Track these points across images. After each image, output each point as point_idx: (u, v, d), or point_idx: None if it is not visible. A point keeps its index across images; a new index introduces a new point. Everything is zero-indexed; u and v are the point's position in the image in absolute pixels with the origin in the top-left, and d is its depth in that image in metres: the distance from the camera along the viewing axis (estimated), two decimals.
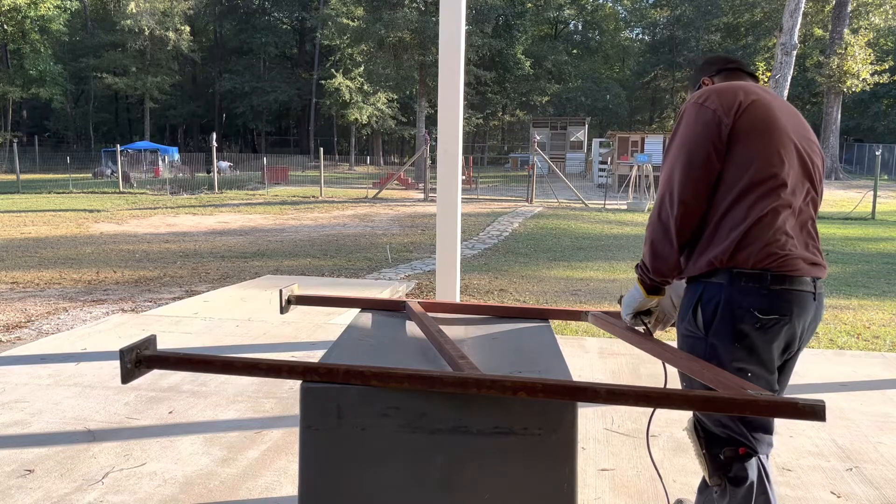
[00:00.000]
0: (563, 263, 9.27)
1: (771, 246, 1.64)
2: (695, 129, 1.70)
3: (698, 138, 1.68)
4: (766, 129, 1.69)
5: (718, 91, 1.73)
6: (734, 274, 1.66)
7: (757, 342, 1.66)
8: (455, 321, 2.13)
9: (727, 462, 1.77)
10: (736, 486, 1.76)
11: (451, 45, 3.88)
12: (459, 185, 4.07)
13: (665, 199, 1.72)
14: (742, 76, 1.92)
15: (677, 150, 1.72)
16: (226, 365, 1.60)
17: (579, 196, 19.63)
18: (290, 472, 2.57)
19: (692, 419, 1.84)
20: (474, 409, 1.49)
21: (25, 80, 38.54)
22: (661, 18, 51.58)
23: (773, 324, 1.65)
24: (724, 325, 1.67)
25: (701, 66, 2.01)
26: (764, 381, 1.70)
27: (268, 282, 6.72)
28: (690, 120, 1.72)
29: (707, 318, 1.69)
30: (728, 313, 1.66)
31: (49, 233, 11.96)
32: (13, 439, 2.84)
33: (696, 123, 1.70)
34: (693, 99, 1.75)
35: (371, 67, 35.38)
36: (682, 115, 1.76)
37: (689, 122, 1.72)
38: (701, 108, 1.71)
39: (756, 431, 1.74)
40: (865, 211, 15.95)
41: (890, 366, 3.99)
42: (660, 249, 1.74)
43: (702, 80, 1.94)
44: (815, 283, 1.72)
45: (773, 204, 1.66)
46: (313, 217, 15.34)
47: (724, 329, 1.67)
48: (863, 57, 28.87)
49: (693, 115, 1.71)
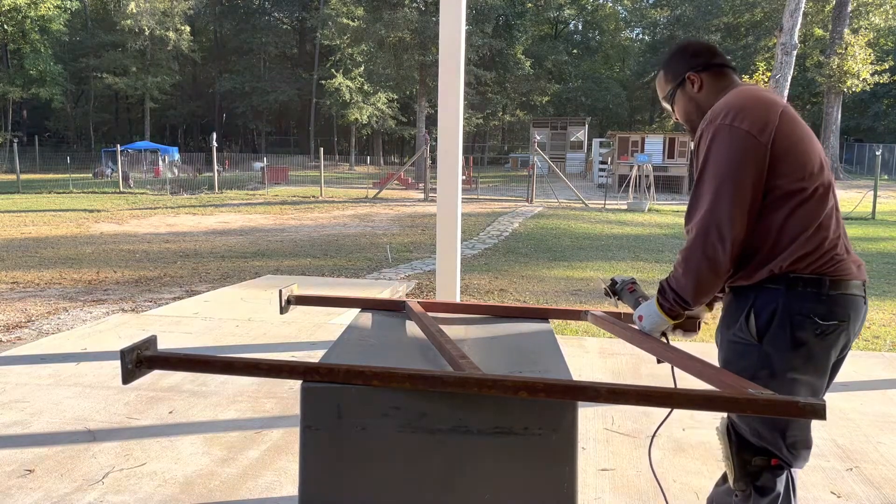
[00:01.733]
0: (563, 263, 9.27)
1: (830, 252, 1.62)
2: (735, 156, 1.59)
3: (741, 166, 1.59)
4: (802, 136, 1.65)
5: (744, 108, 1.63)
6: (791, 279, 1.61)
7: (815, 349, 1.62)
8: (455, 321, 2.13)
9: (757, 471, 1.72)
10: (761, 496, 1.71)
11: (451, 45, 3.88)
12: (459, 185, 4.07)
13: (712, 234, 1.60)
14: (730, 75, 1.82)
15: (719, 181, 1.60)
16: (226, 365, 1.60)
17: (579, 196, 19.62)
18: (290, 472, 2.57)
19: (725, 421, 1.78)
20: (474, 409, 1.49)
21: (25, 80, 38.54)
22: (661, 18, 51.58)
23: (832, 330, 1.61)
24: (782, 332, 1.61)
25: (681, 54, 1.86)
26: (812, 389, 1.65)
27: (268, 282, 6.72)
28: (726, 145, 1.60)
29: (762, 325, 1.64)
30: (787, 320, 1.61)
31: (49, 233, 11.96)
32: (13, 439, 2.84)
33: (734, 149, 1.59)
34: (719, 118, 1.63)
35: (371, 67, 35.40)
36: (713, 137, 1.63)
37: (725, 147, 1.60)
38: (734, 130, 1.60)
39: (795, 448, 1.68)
40: (865, 211, 15.95)
41: (890, 366, 3.99)
42: (707, 287, 1.65)
43: (687, 75, 1.81)
44: (864, 287, 1.69)
45: (825, 209, 1.64)
46: (313, 217, 15.34)
47: (782, 336, 1.62)
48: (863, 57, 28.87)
49: (728, 140, 1.60)
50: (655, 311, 1.75)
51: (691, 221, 1.66)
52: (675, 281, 1.69)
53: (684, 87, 1.84)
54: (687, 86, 1.83)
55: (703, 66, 1.81)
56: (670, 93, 1.86)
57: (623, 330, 2.01)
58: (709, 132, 1.65)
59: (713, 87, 1.80)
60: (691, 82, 1.82)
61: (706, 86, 1.81)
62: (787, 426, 1.66)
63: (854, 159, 37.22)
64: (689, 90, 1.83)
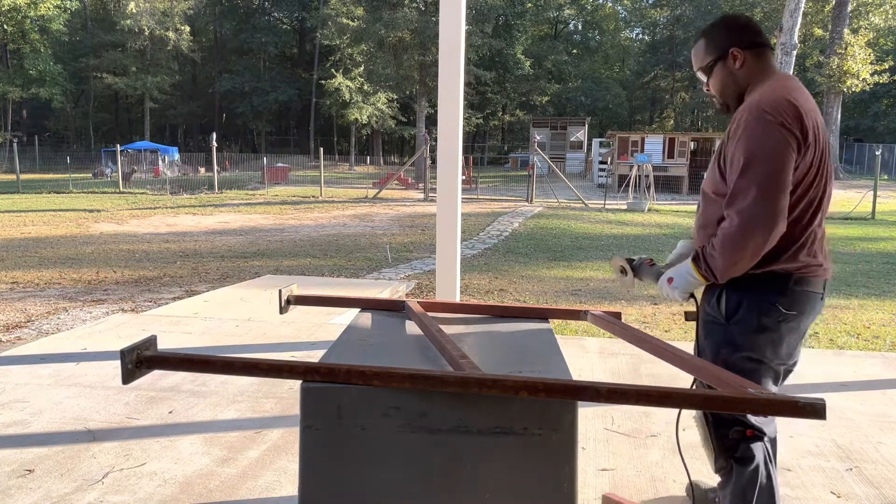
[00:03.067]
0: (563, 263, 9.27)
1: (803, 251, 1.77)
2: (786, 158, 1.65)
3: (788, 167, 1.65)
4: (820, 141, 1.74)
5: (798, 111, 1.67)
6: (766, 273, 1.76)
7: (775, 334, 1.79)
8: (455, 321, 2.13)
9: (734, 443, 1.84)
10: (742, 466, 1.82)
11: (451, 45, 3.88)
12: (459, 185, 4.07)
13: (758, 225, 1.65)
14: (769, 56, 1.84)
15: (769, 177, 1.64)
16: (226, 365, 1.60)
17: (579, 196, 19.63)
18: (290, 472, 2.57)
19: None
20: (474, 408, 1.49)
21: (25, 80, 38.54)
22: (661, 18, 51.59)
23: (791, 318, 1.78)
24: (750, 316, 1.78)
25: (728, 27, 1.85)
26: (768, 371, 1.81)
27: (268, 282, 6.72)
28: (781, 144, 1.65)
29: (731, 308, 1.80)
30: (755, 307, 1.77)
31: (49, 233, 11.96)
32: (13, 439, 2.84)
33: (786, 151, 1.65)
34: (774, 115, 1.66)
35: (371, 67, 35.39)
36: (767, 131, 1.65)
37: (780, 146, 1.65)
38: (787, 133, 1.65)
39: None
40: (865, 211, 15.95)
41: (890, 366, 3.99)
42: (739, 269, 1.73)
43: (732, 50, 1.80)
44: (824, 285, 1.84)
45: (820, 216, 1.78)
46: (313, 217, 15.34)
47: (749, 319, 1.78)
48: (863, 57, 28.88)
49: (783, 140, 1.64)
50: (689, 271, 1.81)
51: (733, 207, 1.69)
52: (710, 257, 1.76)
53: (725, 62, 1.83)
54: (729, 61, 1.82)
55: (749, 44, 1.81)
56: (709, 64, 1.86)
57: (623, 330, 2.01)
58: (762, 123, 1.66)
59: (754, 67, 1.81)
60: (734, 58, 1.81)
61: (747, 64, 1.81)
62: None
63: (854, 159, 37.23)
64: (730, 65, 1.82)
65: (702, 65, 1.88)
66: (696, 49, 1.90)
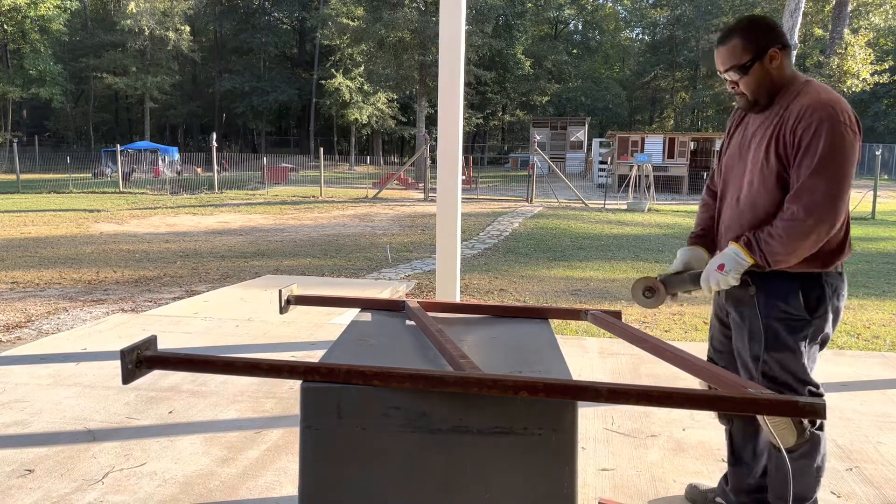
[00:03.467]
0: (563, 263, 9.27)
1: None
2: (852, 160, 1.77)
3: (852, 169, 1.78)
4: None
5: (853, 115, 1.81)
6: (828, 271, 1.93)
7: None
8: (455, 321, 2.13)
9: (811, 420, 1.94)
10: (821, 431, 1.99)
11: (451, 45, 3.88)
12: (459, 185, 4.07)
13: (824, 224, 1.77)
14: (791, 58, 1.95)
15: (840, 178, 1.76)
16: (226, 365, 1.60)
17: (579, 196, 19.63)
18: (290, 472, 2.57)
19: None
20: (474, 408, 1.49)
21: (25, 79, 38.53)
22: (661, 18, 51.59)
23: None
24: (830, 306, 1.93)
25: (765, 27, 1.90)
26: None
27: (268, 282, 6.72)
28: (849, 147, 1.76)
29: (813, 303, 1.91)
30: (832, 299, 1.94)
31: (49, 233, 11.96)
32: (13, 439, 2.84)
33: (852, 153, 1.77)
34: (842, 117, 1.76)
35: (371, 67, 35.39)
36: (839, 134, 1.76)
37: (848, 148, 1.76)
38: (853, 136, 1.77)
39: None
40: (865, 211, 15.95)
41: (890, 366, 3.99)
42: (798, 256, 1.82)
43: (772, 49, 1.87)
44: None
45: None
46: (313, 217, 15.35)
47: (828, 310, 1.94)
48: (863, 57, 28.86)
49: (850, 143, 1.76)
50: (738, 253, 1.87)
51: (800, 201, 1.78)
52: (765, 243, 1.83)
53: (763, 61, 1.87)
54: (766, 60, 1.87)
55: (783, 45, 1.88)
56: (748, 63, 1.88)
57: (623, 330, 2.01)
58: (839, 125, 1.76)
59: (786, 67, 1.89)
60: (771, 58, 1.87)
61: (782, 64, 1.88)
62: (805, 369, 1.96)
63: None
64: (767, 65, 1.88)
65: (738, 63, 1.89)
66: (729, 49, 1.91)
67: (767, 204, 1.88)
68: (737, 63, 1.89)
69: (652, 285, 2.07)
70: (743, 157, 1.97)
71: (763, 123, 1.92)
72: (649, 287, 2.07)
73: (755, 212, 1.91)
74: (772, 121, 1.88)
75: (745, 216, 1.94)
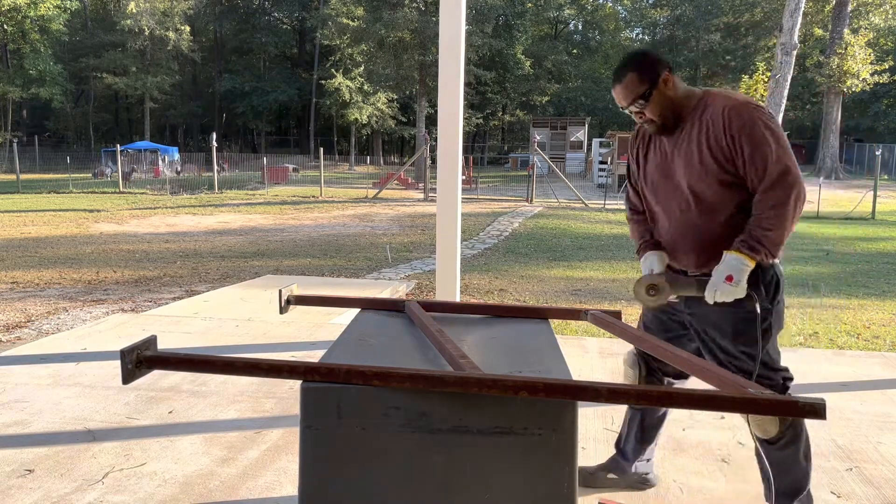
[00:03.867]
0: (563, 263, 9.27)
1: None
2: (783, 134, 1.93)
3: (788, 144, 1.95)
4: None
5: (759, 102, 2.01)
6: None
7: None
8: (455, 321, 2.13)
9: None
10: (802, 433, 2.05)
11: (451, 45, 3.88)
12: (459, 185, 4.07)
13: (800, 195, 1.90)
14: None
15: (786, 153, 1.91)
16: (226, 365, 1.60)
17: (579, 196, 19.62)
18: (290, 472, 2.57)
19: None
20: (474, 408, 1.49)
21: (25, 79, 38.52)
22: (661, 18, 51.55)
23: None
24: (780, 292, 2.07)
25: (651, 58, 2.07)
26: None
27: (268, 282, 6.72)
28: (779, 129, 1.93)
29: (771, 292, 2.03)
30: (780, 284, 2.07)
31: (49, 233, 11.96)
32: (13, 439, 2.84)
33: (779, 129, 1.93)
34: (759, 109, 1.93)
35: (371, 67, 35.38)
36: (766, 123, 1.91)
37: (780, 130, 1.93)
38: (772, 119, 1.94)
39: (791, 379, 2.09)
40: (865, 211, 15.96)
41: (890, 366, 3.99)
42: (789, 235, 1.94)
43: (664, 74, 2.02)
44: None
45: None
46: (313, 217, 15.34)
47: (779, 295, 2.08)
48: (863, 57, 28.87)
49: (772, 123, 1.93)
50: (741, 261, 1.92)
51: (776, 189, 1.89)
52: (764, 238, 1.91)
53: (660, 86, 2.02)
54: (661, 86, 2.02)
55: (670, 69, 2.05)
56: (647, 91, 2.02)
57: (623, 330, 2.01)
58: (763, 115, 1.92)
59: (679, 87, 2.05)
60: (665, 81, 2.02)
61: (676, 84, 2.04)
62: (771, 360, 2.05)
63: (854, 159, 37.21)
64: (664, 88, 2.02)
65: (638, 94, 2.03)
66: (626, 84, 2.04)
67: (722, 205, 1.99)
68: (637, 94, 2.03)
69: (657, 283, 2.07)
70: (670, 175, 2.08)
71: (681, 140, 2.04)
72: (653, 285, 2.07)
73: (713, 215, 2.01)
74: (692, 135, 2.00)
75: (704, 223, 2.04)
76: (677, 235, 2.11)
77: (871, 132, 40.40)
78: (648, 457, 2.45)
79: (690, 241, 2.07)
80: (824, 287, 7.45)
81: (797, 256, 9.72)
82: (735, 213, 1.98)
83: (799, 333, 5.41)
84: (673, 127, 2.05)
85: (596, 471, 2.48)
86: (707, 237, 2.02)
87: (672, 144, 2.07)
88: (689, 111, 2.04)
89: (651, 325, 2.31)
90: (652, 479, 2.47)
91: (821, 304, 6.51)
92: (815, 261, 9.57)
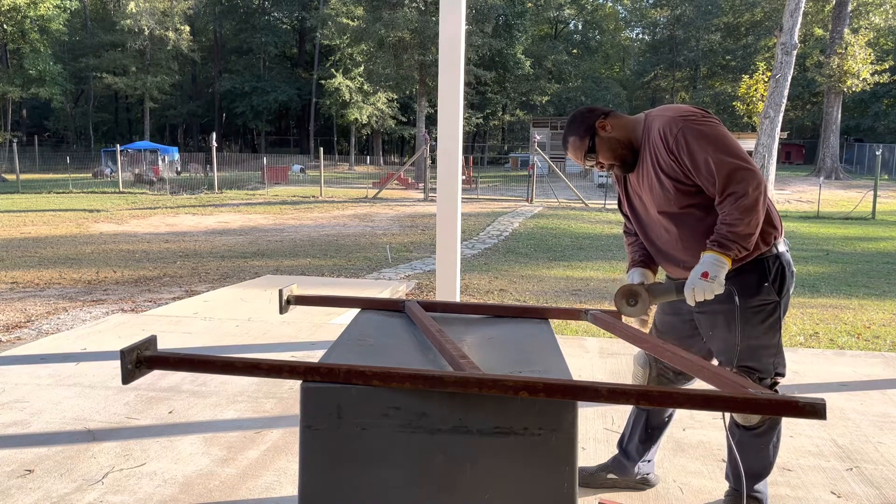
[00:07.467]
0: (563, 263, 9.27)
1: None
2: (718, 130, 1.96)
3: (728, 137, 1.97)
4: None
5: (693, 108, 2.04)
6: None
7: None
8: (455, 321, 2.13)
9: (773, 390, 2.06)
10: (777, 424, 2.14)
11: (451, 45, 3.88)
12: (459, 185, 4.07)
13: (759, 184, 1.92)
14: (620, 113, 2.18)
15: (735, 151, 1.93)
16: (226, 365, 1.60)
17: (579, 196, 19.63)
18: (290, 472, 2.57)
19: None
20: (474, 409, 1.49)
21: (25, 79, 38.52)
22: (661, 18, 51.58)
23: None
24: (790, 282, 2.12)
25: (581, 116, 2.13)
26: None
27: (268, 282, 6.72)
28: (714, 128, 1.96)
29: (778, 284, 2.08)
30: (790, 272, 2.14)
31: (49, 233, 11.96)
32: (13, 439, 2.84)
33: (712, 128, 1.96)
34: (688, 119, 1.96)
35: (371, 67, 35.37)
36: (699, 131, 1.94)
37: (715, 130, 1.95)
38: (703, 121, 1.97)
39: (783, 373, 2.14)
40: (865, 211, 15.96)
41: (890, 366, 3.99)
42: (759, 222, 1.95)
43: (596, 123, 2.08)
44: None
45: None
46: (313, 217, 15.35)
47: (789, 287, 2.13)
48: (863, 57, 28.87)
49: (713, 124, 1.96)
50: (717, 259, 1.94)
51: (729, 186, 1.91)
52: (734, 234, 1.93)
53: (598, 135, 2.09)
54: (599, 132, 2.09)
55: (602, 114, 2.11)
56: (590, 145, 2.09)
57: (623, 330, 2.01)
58: (692, 122, 1.96)
59: (620, 123, 2.10)
60: (601, 128, 2.09)
61: (615, 125, 2.09)
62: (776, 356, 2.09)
63: (854, 159, 37.23)
64: (603, 134, 2.09)
65: (585, 149, 2.10)
66: (572, 147, 2.13)
67: (697, 215, 2.04)
68: (584, 150, 2.10)
69: (636, 291, 2.08)
70: (643, 201, 2.16)
71: (642, 172, 2.10)
72: (632, 294, 2.08)
73: (694, 227, 2.05)
74: (646, 162, 2.07)
75: (688, 236, 2.08)
76: (668, 252, 2.17)
77: (872, 132, 40.41)
78: (650, 457, 2.45)
79: (681, 253, 2.12)
80: (824, 287, 7.45)
81: (797, 256, 9.72)
82: (714, 215, 2.01)
83: (799, 333, 5.41)
84: (633, 161, 2.11)
85: (596, 471, 2.48)
86: (694, 245, 2.05)
87: (636, 177, 2.15)
88: (640, 141, 2.09)
89: (663, 329, 2.33)
90: (653, 479, 2.47)
91: (821, 304, 6.51)
92: (815, 261, 9.57)
